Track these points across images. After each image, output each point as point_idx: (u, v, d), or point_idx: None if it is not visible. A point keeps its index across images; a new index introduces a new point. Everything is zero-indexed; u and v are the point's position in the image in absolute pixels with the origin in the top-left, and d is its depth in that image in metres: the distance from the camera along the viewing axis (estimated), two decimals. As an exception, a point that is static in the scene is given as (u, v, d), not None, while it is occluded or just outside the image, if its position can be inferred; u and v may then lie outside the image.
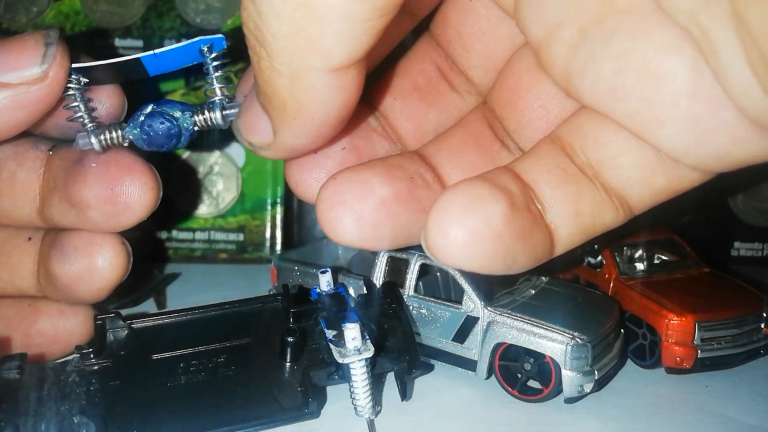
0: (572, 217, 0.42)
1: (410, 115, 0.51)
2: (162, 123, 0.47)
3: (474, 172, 0.45)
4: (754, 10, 0.30)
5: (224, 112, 0.47)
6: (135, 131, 0.47)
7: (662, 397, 0.55)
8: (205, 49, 0.46)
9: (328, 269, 0.55)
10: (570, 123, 0.43)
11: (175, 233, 0.75)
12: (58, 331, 0.53)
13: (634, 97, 0.38)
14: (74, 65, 0.45)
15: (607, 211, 0.42)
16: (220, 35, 0.46)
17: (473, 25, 0.48)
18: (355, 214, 0.44)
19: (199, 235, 0.76)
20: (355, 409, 0.48)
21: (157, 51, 0.45)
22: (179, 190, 0.75)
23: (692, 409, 0.54)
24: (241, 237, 0.76)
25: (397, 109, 0.51)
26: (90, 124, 0.47)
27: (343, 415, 0.50)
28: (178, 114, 0.47)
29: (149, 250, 0.74)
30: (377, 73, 0.51)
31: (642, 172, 0.41)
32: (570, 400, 0.53)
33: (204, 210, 0.76)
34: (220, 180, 0.75)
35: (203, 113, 0.47)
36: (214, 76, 0.47)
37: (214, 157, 0.76)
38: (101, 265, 0.49)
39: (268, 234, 0.76)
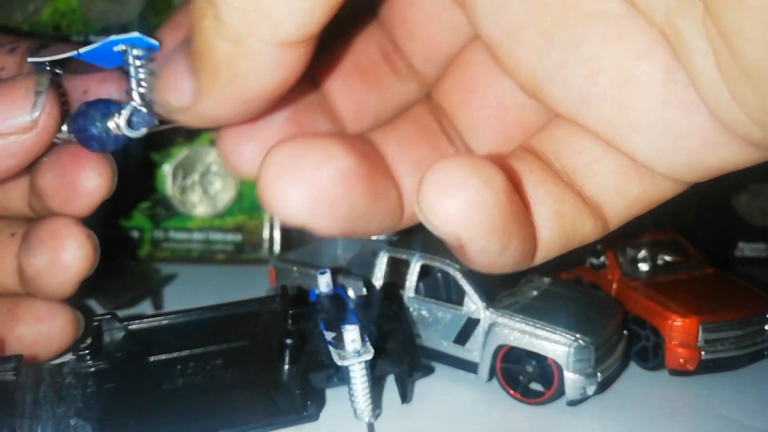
0: (555, 219, 0.40)
1: (351, 96, 0.48)
2: (83, 124, 0.44)
3: (423, 163, 0.42)
4: (728, 11, 0.30)
5: (133, 119, 0.43)
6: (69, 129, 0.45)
7: (665, 400, 0.55)
8: (125, 50, 0.42)
9: (327, 270, 0.55)
10: (541, 133, 0.42)
11: (172, 233, 0.75)
12: (36, 338, 0.52)
13: (607, 103, 0.37)
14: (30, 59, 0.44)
15: (586, 219, 0.41)
16: (135, 35, 0.42)
17: (418, 12, 0.46)
18: (310, 185, 0.38)
19: (196, 236, 0.75)
20: (355, 412, 0.48)
21: (81, 50, 0.43)
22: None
23: (696, 411, 0.53)
24: (239, 237, 0.75)
25: (337, 88, 0.48)
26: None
27: (342, 418, 0.50)
28: (98, 116, 0.44)
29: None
30: (321, 49, 0.49)
31: (617, 180, 0.40)
32: (572, 403, 0.52)
33: (201, 210, 0.75)
34: (218, 180, 0.75)
35: (115, 118, 0.44)
36: (133, 79, 0.43)
37: (212, 157, 0.75)
38: (65, 257, 0.48)
39: (266, 234, 0.76)
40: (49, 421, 0.44)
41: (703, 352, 0.56)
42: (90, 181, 0.48)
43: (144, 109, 0.43)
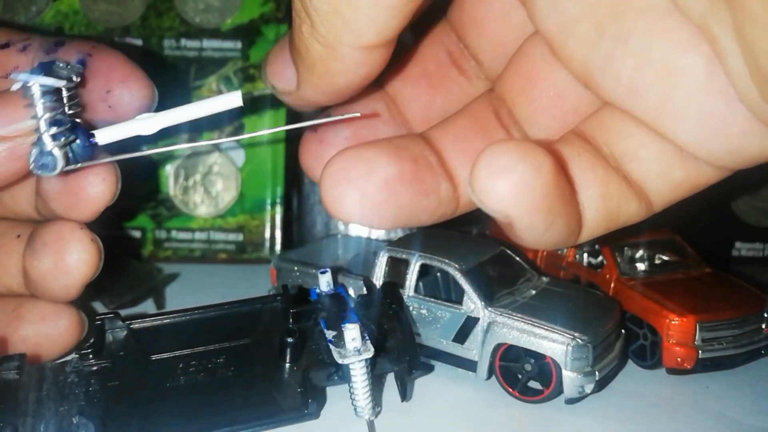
0: (600, 200, 0.43)
1: (419, 101, 0.52)
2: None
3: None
4: (752, 28, 0.32)
5: (40, 160, 0.44)
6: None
7: (663, 398, 0.55)
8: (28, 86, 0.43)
9: (328, 270, 0.55)
10: (591, 119, 0.45)
11: (174, 233, 0.75)
12: (40, 338, 0.52)
13: (653, 93, 0.39)
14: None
15: (631, 201, 0.43)
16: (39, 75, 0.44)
17: (487, 10, 0.49)
18: (359, 192, 0.44)
19: (198, 236, 0.75)
20: (355, 409, 0.48)
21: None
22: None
23: (693, 409, 0.54)
24: (240, 237, 0.76)
25: (406, 95, 0.53)
26: (49, 142, 0.44)
27: (342, 415, 0.50)
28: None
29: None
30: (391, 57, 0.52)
31: (662, 165, 0.42)
32: (571, 401, 0.53)
33: (203, 210, 0.76)
34: (220, 180, 0.75)
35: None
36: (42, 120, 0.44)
37: (214, 157, 0.75)
38: (70, 260, 0.48)
39: (267, 234, 0.76)
40: (52, 420, 0.45)
41: (700, 351, 0.56)
42: (94, 187, 0.48)
43: (55, 150, 0.44)
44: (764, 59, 0.32)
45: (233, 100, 0.45)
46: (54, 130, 0.44)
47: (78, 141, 0.45)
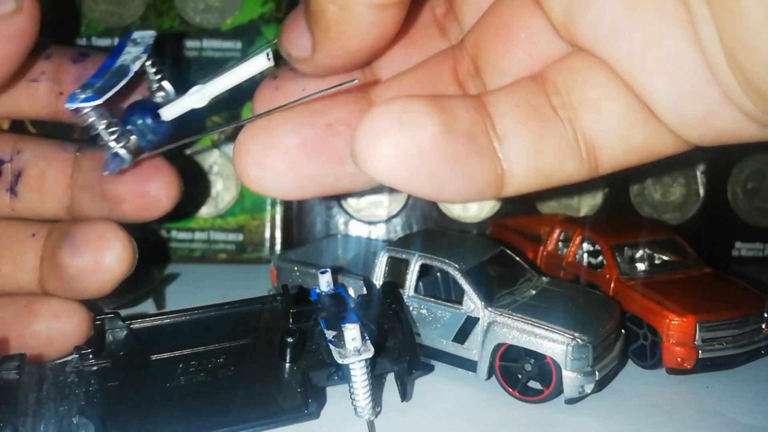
0: (530, 156, 0.41)
1: (393, 59, 0.51)
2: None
3: None
4: None
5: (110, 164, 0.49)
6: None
7: (663, 398, 0.55)
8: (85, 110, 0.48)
9: (328, 270, 0.55)
10: (561, 62, 0.42)
11: (174, 233, 0.75)
12: (52, 334, 0.53)
13: (636, 39, 0.37)
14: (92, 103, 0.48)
15: (570, 159, 0.41)
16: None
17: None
18: (258, 164, 0.45)
19: (198, 236, 0.76)
20: (355, 409, 0.48)
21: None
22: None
23: (693, 409, 0.54)
24: (240, 237, 0.76)
25: (384, 56, 0.51)
26: (115, 145, 0.49)
27: (342, 415, 0.50)
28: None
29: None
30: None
31: (622, 121, 0.40)
32: (571, 401, 0.53)
33: (203, 210, 0.76)
34: (220, 180, 0.75)
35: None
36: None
37: (214, 157, 0.75)
38: (109, 258, 0.51)
39: (267, 234, 0.76)
40: (52, 419, 0.45)
41: (700, 351, 0.56)
42: (168, 190, 0.52)
43: (120, 150, 0.49)
44: (726, 33, 0.31)
45: (263, 61, 0.45)
46: (114, 134, 0.48)
47: (149, 122, 0.49)
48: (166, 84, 0.51)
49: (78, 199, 0.54)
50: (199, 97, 0.48)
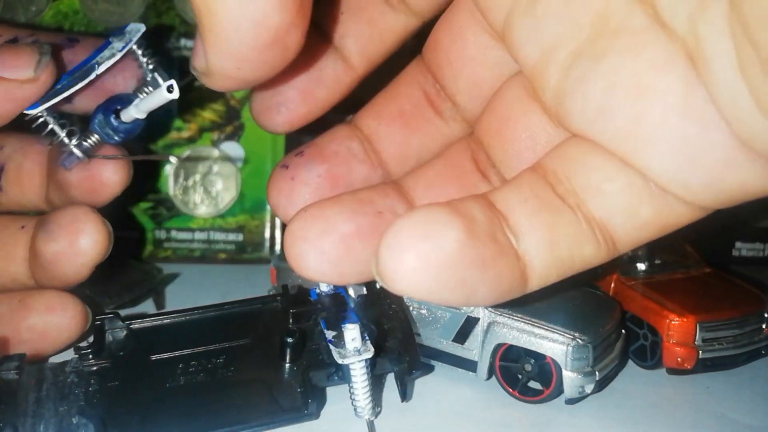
0: (547, 248, 0.40)
1: (394, 140, 0.52)
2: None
3: None
4: (746, 2, 0.30)
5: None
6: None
7: (663, 398, 0.55)
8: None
9: (328, 269, 0.55)
10: (557, 150, 0.42)
11: (174, 233, 0.75)
12: (47, 327, 0.54)
13: (623, 116, 0.37)
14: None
15: (587, 244, 0.40)
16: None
17: (462, 51, 0.48)
18: (316, 251, 0.45)
19: (198, 236, 0.75)
20: (355, 410, 0.48)
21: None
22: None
23: (693, 409, 0.54)
24: (240, 237, 0.76)
25: (382, 134, 0.52)
26: (69, 142, 0.51)
27: (342, 416, 0.50)
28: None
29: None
30: (366, 96, 0.54)
31: (627, 199, 0.39)
32: (571, 401, 0.53)
33: (203, 210, 0.76)
34: (219, 180, 0.75)
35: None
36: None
37: (214, 157, 0.75)
38: (83, 242, 0.50)
39: (267, 234, 0.76)
40: (52, 420, 0.45)
41: (700, 351, 0.56)
42: (114, 173, 0.52)
43: (75, 150, 0.51)
44: (763, 35, 0.29)
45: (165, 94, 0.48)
46: (69, 135, 0.51)
47: (111, 122, 0.51)
48: (158, 76, 0.50)
49: (50, 189, 0.55)
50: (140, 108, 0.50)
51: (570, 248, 0.40)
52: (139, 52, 0.51)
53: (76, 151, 0.51)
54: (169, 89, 0.47)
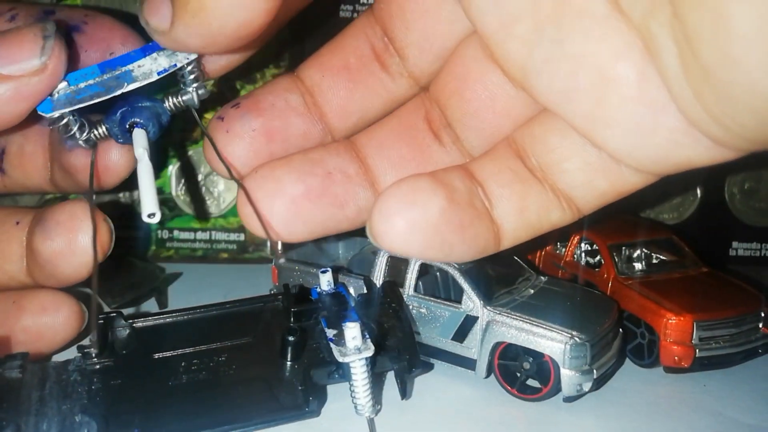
0: (517, 214, 0.45)
1: (337, 94, 0.51)
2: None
3: (402, 163, 0.50)
4: (691, 11, 0.32)
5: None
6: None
7: (661, 396, 0.56)
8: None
9: (329, 269, 0.56)
10: (523, 130, 0.46)
11: (176, 233, 0.76)
12: (41, 328, 0.53)
13: (586, 99, 0.40)
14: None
15: (553, 210, 0.46)
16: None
17: (416, 5, 0.48)
18: (267, 211, 0.47)
19: (200, 235, 0.76)
20: (356, 407, 0.49)
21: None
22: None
23: (690, 408, 0.54)
24: (242, 237, 0.76)
25: (324, 87, 0.51)
26: (79, 137, 0.49)
27: (343, 413, 0.50)
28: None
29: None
30: (310, 48, 0.54)
31: (585, 175, 0.44)
32: (569, 399, 0.53)
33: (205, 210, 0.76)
34: (222, 180, 0.76)
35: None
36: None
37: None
38: (82, 240, 0.48)
39: (268, 234, 0.76)
40: (55, 418, 0.45)
41: (697, 350, 0.57)
42: (119, 159, 0.51)
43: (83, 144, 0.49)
44: (704, 48, 0.32)
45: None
46: (84, 134, 0.49)
47: (124, 132, 0.48)
48: (194, 94, 0.49)
49: (53, 170, 0.54)
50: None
51: (538, 213, 0.46)
52: (189, 68, 0.48)
53: (82, 144, 0.49)
54: (150, 216, 0.44)
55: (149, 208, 0.44)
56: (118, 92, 0.46)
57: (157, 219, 0.44)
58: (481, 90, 0.47)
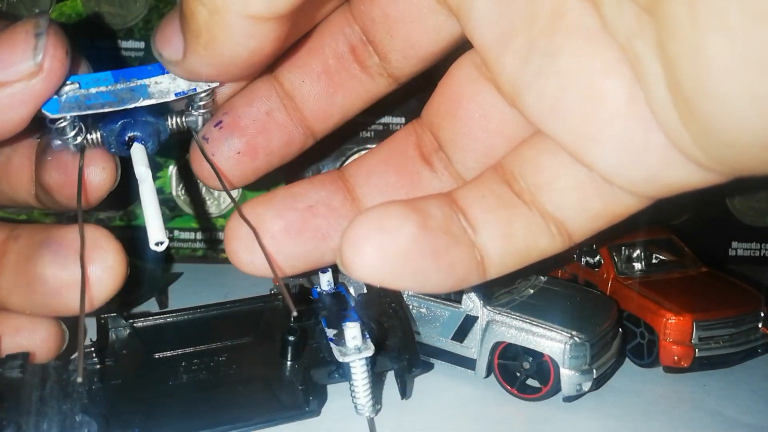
0: (503, 240, 0.43)
1: (318, 98, 0.51)
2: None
3: (390, 191, 0.48)
4: (674, 44, 0.31)
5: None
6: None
7: (660, 396, 0.56)
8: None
9: (329, 269, 0.55)
10: (514, 152, 0.44)
11: (177, 233, 0.76)
12: (16, 350, 0.49)
13: (575, 115, 0.39)
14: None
15: (541, 236, 0.43)
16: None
17: (403, 12, 0.47)
18: (248, 248, 0.47)
19: (201, 235, 0.76)
20: (356, 407, 0.49)
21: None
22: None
23: (690, 407, 0.54)
24: (241, 237, 0.76)
25: (305, 92, 0.51)
26: (71, 143, 0.47)
27: (343, 413, 0.50)
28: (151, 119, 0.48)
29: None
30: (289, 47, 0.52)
31: (577, 195, 0.42)
32: (568, 399, 0.53)
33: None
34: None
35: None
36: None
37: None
38: (100, 270, 0.45)
39: (268, 234, 0.76)
40: (55, 418, 0.45)
41: (697, 350, 0.57)
42: (95, 177, 0.48)
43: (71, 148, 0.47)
44: (684, 78, 0.31)
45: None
46: (79, 138, 0.46)
47: (120, 144, 0.47)
48: (200, 119, 0.49)
49: (38, 186, 0.51)
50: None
51: (525, 240, 0.43)
52: (195, 103, 0.48)
53: (72, 147, 0.47)
54: (157, 244, 0.43)
55: (156, 236, 0.42)
56: (131, 106, 0.45)
57: (164, 247, 0.43)
58: (475, 109, 0.46)
